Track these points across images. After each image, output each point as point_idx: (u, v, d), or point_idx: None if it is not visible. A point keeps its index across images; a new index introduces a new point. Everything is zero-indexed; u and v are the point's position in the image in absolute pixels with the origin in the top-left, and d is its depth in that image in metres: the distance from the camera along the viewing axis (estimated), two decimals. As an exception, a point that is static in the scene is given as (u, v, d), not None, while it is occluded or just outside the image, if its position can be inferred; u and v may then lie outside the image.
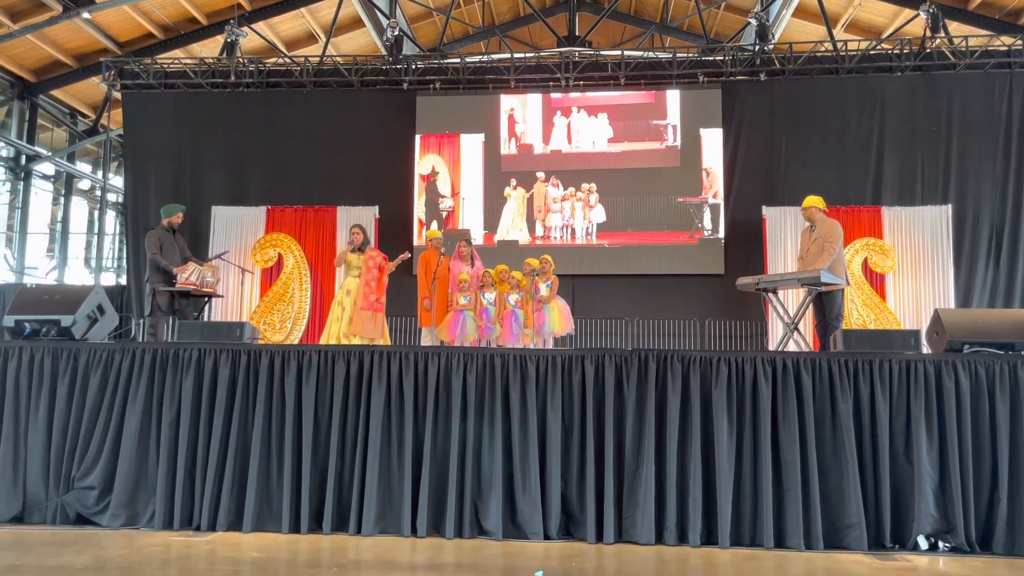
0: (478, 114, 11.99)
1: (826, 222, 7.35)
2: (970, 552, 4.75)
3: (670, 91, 11.73)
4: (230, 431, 5.12)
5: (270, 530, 4.99)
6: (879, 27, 13.58)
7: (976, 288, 10.70)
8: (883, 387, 4.93)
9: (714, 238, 11.34)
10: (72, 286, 9.80)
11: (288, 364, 5.16)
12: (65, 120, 16.19)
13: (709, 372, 5.01)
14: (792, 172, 11.22)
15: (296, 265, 11.58)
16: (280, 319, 11.40)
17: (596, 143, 11.79)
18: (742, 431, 4.95)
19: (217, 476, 5.05)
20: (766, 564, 4.53)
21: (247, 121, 12.01)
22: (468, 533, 4.91)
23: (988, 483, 4.88)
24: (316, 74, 12.07)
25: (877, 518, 4.85)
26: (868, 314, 10.70)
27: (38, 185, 16.10)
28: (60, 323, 5.50)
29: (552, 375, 5.06)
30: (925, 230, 10.87)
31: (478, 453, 5.03)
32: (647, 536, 4.81)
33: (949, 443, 4.84)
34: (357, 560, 4.48)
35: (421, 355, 5.16)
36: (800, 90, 11.46)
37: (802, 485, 4.83)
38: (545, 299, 8.11)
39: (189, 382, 5.17)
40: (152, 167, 12.03)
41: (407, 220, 11.78)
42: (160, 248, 7.90)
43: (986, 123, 10.94)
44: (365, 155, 11.86)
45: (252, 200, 11.86)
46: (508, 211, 11.74)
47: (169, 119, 12.08)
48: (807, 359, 5.04)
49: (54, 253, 16.76)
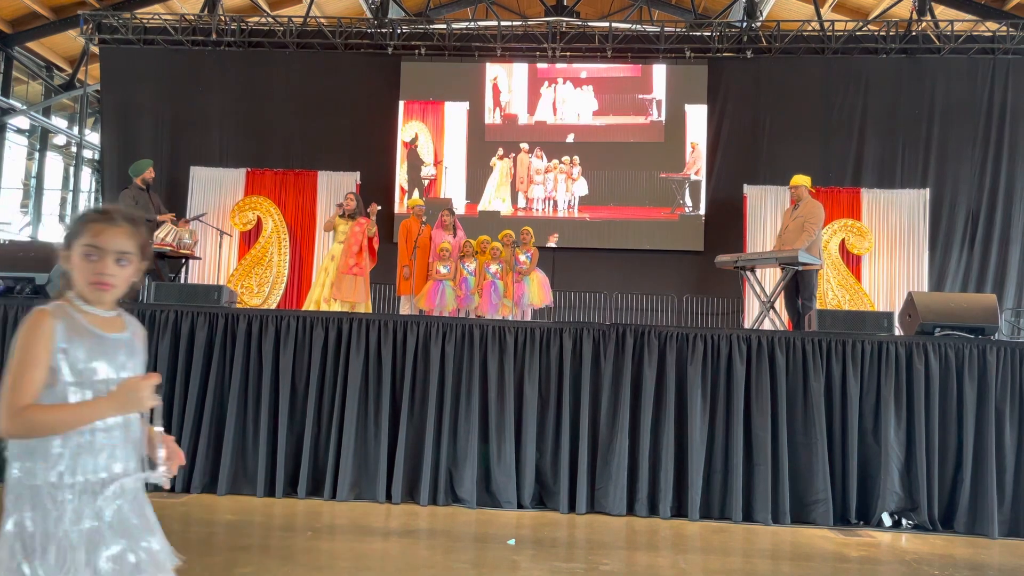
0: (463, 82, 11.87)
1: (810, 203, 7.40)
2: (932, 530, 4.87)
3: (656, 65, 11.68)
4: (206, 394, 5.11)
5: (245, 493, 5.01)
6: (866, 8, 13.57)
7: (950, 272, 10.84)
8: (855, 367, 5.01)
9: (695, 215, 11.37)
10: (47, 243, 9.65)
11: (266, 329, 5.14)
12: (41, 73, 15.84)
13: (685, 348, 5.06)
14: (774, 151, 11.25)
15: (275, 229, 11.48)
16: (258, 283, 11.32)
17: (581, 115, 11.74)
18: (715, 407, 5.03)
19: (192, 438, 5.05)
20: (734, 537, 4.62)
21: (228, 81, 11.81)
22: (442, 500, 4.97)
23: (953, 464, 5.00)
24: (299, 35, 11.87)
25: (843, 495, 4.96)
26: (843, 295, 10.82)
27: (12, 139, 15.80)
28: (34, 280, 5.44)
29: (530, 347, 5.09)
30: (902, 213, 10.97)
31: (454, 422, 5.07)
32: (618, 508, 4.89)
33: (917, 424, 4.94)
34: (331, 524, 4.52)
35: (400, 323, 5.16)
36: (786, 69, 11.45)
37: (772, 461, 4.92)
38: (525, 271, 8.11)
39: (165, 344, 5.14)
40: (130, 124, 11.81)
41: (389, 187, 11.70)
42: (136, 206, 7.80)
43: (967, 109, 11.00)
44: (347, 120, 11.72)
45: (231, 162, 11.70)
46: (492, 181, 11.69)
47: (148, 76, 11.85)
48: (781, 338, 5.11)
49: (28, 209, 16.50)
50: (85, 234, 1.69)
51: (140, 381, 1.70)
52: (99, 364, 1.69)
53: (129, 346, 1.78)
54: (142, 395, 1.69)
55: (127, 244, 1.72)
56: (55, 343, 1.64)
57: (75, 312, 1.69)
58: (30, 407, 1.58)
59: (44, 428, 1.61)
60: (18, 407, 1.57)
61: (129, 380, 1.71)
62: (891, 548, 4.59)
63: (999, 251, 10.79)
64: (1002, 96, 10.98)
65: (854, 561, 4.20)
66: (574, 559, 4.10)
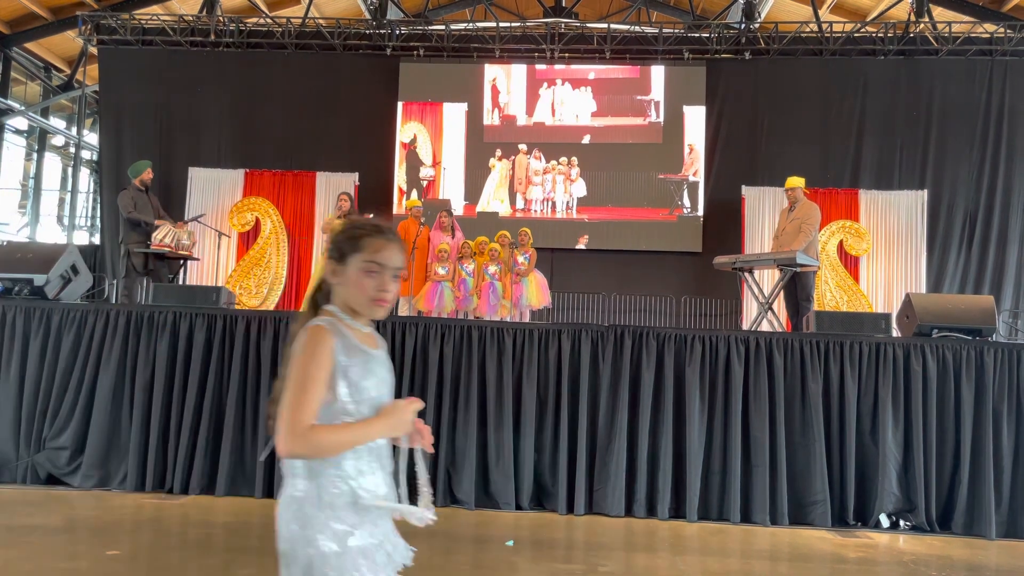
0: (461, 83, 11.87)
1: (806, 204, 7.41)
2: (930, 531, 4.88)
3: (655, 67, 11.68)
4: (204, 395, 5.11)
5: (243, 494, 5.01)
6: (864, 9, 13.58)
7: (947, 274, 10.84)
8: (852, 368, 5.02)
9: (693, 216, 11.37)
10: (46, 244, 9.64)
11: (265, 330, 5.14)
12: (39, 74, 15.82)
13: (683, 349, 5.07)
14: (772, 152, 11.25)
15: (274, 230, 11.47)
16: (256, 284, 11.31)
17: (580, 116, 11.74)
18: (713, 408, 5.03)
19: (191, 439, 5.05)
20: (732, 538, 4.62)
21: (226, 82, 11.80)
22: (441, 502, 4.97)
23: (950, 465, 5.01)
24: (298, 36, 11.87)
25: (841, 496, 4.97)
26: (841, 296, 10.83)
27: (10, 140, 15.78)
28: (33, 282, 5.44)
29: (528, 348, 5.10)
30: (900, 214, 10.98)
31: (453, 423, 5.07)
32: (617, 508, 4.89)
33: (914, 425, 4.95)
34: (330, 526, 4.51)
35: (399, 325, 5.17)
36: (784, 70, 11.46)
37: (770, 462, 4.93)
38: (523, 272, 8.12)
39: (164, 345, 5.15)
40: (128, 125, 11.81)
41: (387, 188, 11.69)
42: (134, 207, 7.79)
43: (965, 110, 11.01)
44: (346, 121, 11.72)
45: (230, 162, 11.69)
46: (490, 182, 11.69)
47: (146, 77, 11.84)
48: (779, 339, 5.11)
49: (26, 210, 16.47)
50: (365, 250, 1.66)
51: (407, 404, 1.68)
52: (368, 382, 1.66)
53: (387, 364, 1.75)
54: (408, 418, 1.67)
55: (401, 261, 1.71)
56: (335, 360, 1.61)
57: (344, 328, 1.66)
58: (314, 427, 1.55)
59: (326, 449, 1.58)
60: (303, 427, 1.54)
61: (397, 402, 1.68)
62: (889, 549, 4.59)
63: (997, 252, 10.79)
64: (1000, 97, 10.98)
65: (852, 562, 4.21)
66: (573, 560, 4.10)
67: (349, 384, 1.62)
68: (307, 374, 1.57)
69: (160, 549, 4.07)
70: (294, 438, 1.53)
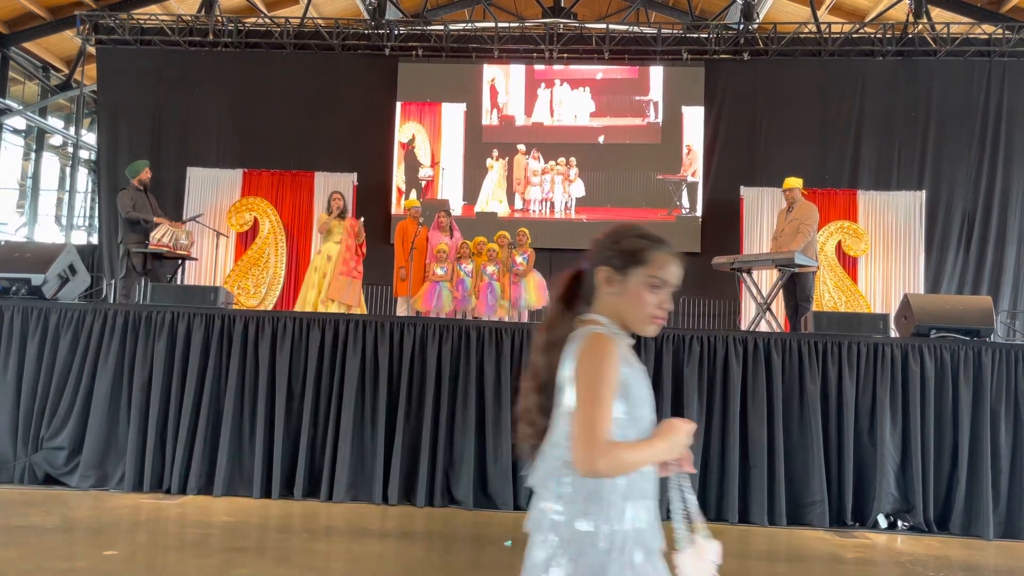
0: (460, 83, 11.87)
1: (804, 205, 7.42)
2: (928, 531, 4.88)
3: (653, 67, 11.68)
4: (202, 395, 5.11)
5: (241, 495, 5.00)
6: (863, 10, 13.59)
7: (946, 274, 10.85)
8: (851, 369, 5.02)
9: (691, 216, 11.38)
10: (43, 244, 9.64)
11: (263, 330, 5.14)
12: (37, 74, 15.79)
13: (681, 349, 5.07)
14: (771, 153, 11.26)
15: (272, 230, 11.47)
16: (254, 284, 11.31)
17: (578, 117, 11.74)
18: (711, 408, 5.03)
19: (188, 440, 5.05)
20: (730, 538, 4.62)
21: (225, 82, 11.79)
22: (439, 502, 4.97)
23: (948, 465, 5.01)
24: (296, 36, 11.86)
25: (839, 496, 4.97)
26: (839, 296, 10.83)
27: (8, 139, 15.76)
28: (31, 281, 5.43)
29: (527, 348, 5.09)
30: (898, 215, 10.99)
31: (451, 423, 5.07)
32: (615, 509, 4.88)
33: (912, 425, 4.95)
34: (328, 526, 4.52)
35: (397, 325, 5.17)
36: (782, 71, 11.46)
37: (768, 463, 4.92)
38: (522, 272, 8.12)
39: (162, 345, 5.14)
40: (126, 125, 11.79)
41: (386, 188, 11.69)
42: (133, 207, 7.78)
43: (963, 111, 11.02)
44: (345, 121, 11.71)
45: (228, 162, 11.68)
46: (488, 183, 11.69)
47: (145, 77, 11.83)
48: (778, 339, 5.11)
49: (24, 209, 16.45)
50: (651, 264, 1.57)
51: (682, 424, 1.57)
52: (643, 396, 1.58)
53: (649, 380, 1.65)
54: (684, 440, 1.56)
55: (679, 279, 1.62)
56: (622, 373, 1.52)
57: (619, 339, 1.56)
58: (615, 444, 1.45)
59: (627, 467, 1.47)
60: (605, 443, 1.43)
61: (673, 421, 1.57)
62: (887, 549, 4.59)
63: (995, 253, 10.80)
64: (998, 98, 10.99)
65: (850, 563, 4.21)
66: (570, 560, 4.09)
67: (628, 399, 1.53)
68: (603, 386, 1.47)
69: (158, 549, 4.07)
70: (597, 455, 1.42)
